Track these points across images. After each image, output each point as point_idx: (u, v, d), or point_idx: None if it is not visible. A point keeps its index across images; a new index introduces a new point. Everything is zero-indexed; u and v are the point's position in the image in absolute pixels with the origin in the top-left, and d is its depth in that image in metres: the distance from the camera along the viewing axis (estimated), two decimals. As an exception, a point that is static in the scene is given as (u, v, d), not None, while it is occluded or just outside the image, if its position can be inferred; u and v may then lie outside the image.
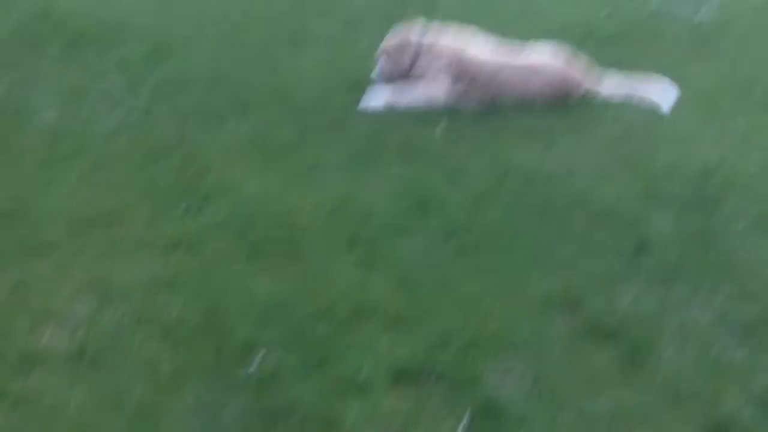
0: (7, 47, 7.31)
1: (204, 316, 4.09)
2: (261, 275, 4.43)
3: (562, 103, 6.93)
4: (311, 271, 4.50)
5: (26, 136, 5.85)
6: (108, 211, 4.96)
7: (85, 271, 4.38)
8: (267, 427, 3.48)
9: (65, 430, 3.42)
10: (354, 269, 4.55)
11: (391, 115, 6.54)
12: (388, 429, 3.44)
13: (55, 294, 4.20)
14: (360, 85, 7.02)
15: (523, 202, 5.33)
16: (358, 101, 6.68)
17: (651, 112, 6.81)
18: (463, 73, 6.79)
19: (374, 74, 6.96)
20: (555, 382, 3.79)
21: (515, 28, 8.80)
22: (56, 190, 5.19)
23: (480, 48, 6.98)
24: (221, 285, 4.33)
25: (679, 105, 7.00)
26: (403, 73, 6.86)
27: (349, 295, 4.28)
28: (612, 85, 7.15)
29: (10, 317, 4.03)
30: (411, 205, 5.23)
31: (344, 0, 9.39)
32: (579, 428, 3.55)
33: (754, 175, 5.84)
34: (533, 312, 4.26)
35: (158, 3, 8.64)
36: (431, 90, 6.79)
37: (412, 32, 6.94)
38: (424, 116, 6.55)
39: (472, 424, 3.50)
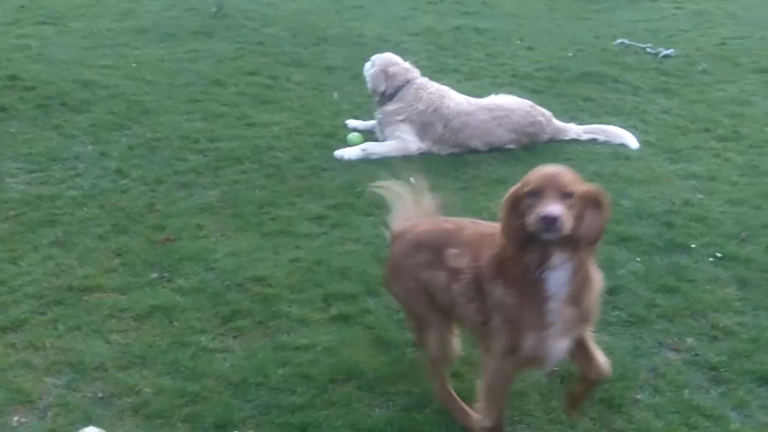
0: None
1: (176, 391, 4.03)
2: (235, 344, 4.41)
3: (531, 148, 7.05)
4: (286, 334, 4.49)
5: (-3, 204, 5.83)
6: (80, 280, 4.94)
7: (56, 347, 4.33)
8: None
9: None
10: (330, 329, 4.55)
11: (364, 166, 6.58)
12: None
13: (26, 373, 4.14)
14: (333, 137, 7.11)
15: (496, 252, 5.36)
16: (331, 154, 6.75)
17: (618, 155, 6.93)
18: (438, 119, 6.92)
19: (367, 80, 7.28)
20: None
21: (485, 75, 9.01)
22: (27, 260, 5.15)
23: (453, 96, 7.14)
24: (194, 359, 4.27)
25: (644, 146, 7.14)
26: (388, 94, 7.08)
27: (325, 358, 4.28)
28: (578, 128, 7.32)
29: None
30: (385, 259, 5.23)
31: (318, 53, 9.55)
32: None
33: (718, 213, 5.95)
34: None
35: (127, 67, 8.70)
36: (404, 140, 6.90)
37: (407, 65, 7.24)
38: (397, 166, 6.60)
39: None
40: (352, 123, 7.42)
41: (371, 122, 7.33)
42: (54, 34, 9.95)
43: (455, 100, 7.11)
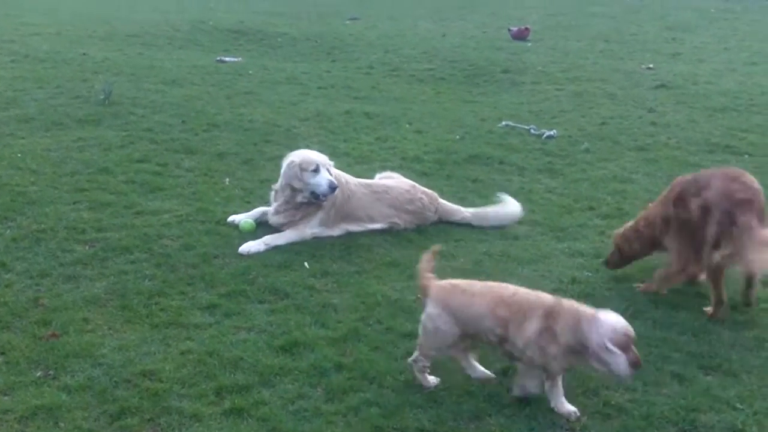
0: None
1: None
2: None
3: (422, 230, 7.14)
4: (177, 431, 4.35)
5: None
6: (-41, 381, 4.71)
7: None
8: None
9: None
10: (223, 424, 4.43)
11: (257, 253, 6.53)
12: None
13: None
14: (225, 224, 7.03)
15: (391, 336, 5.37)
16: (222, 241, 6.67)
17: (506, 235, 7.09)
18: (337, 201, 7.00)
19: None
20: None
21: (375, 158, 9.14)
22: None
23: (344, 178, 7.21)
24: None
25: (531, 225, 7.33)
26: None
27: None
28: (466, 212, 7.48)
29: None
30: (280, 348, 5.18)
31: (208, 139, 9.52)
32: None
33: (605, 290, 6.13)
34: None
35: (11, 157, 8.49)
36: (300, 229, 6.90)
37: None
38: (290, 251, 6.58)
39: None
40: (235, 218, 7.17)
41: (257, 210, 7.23)
42: (-67, 124, 9.66)
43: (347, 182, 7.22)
